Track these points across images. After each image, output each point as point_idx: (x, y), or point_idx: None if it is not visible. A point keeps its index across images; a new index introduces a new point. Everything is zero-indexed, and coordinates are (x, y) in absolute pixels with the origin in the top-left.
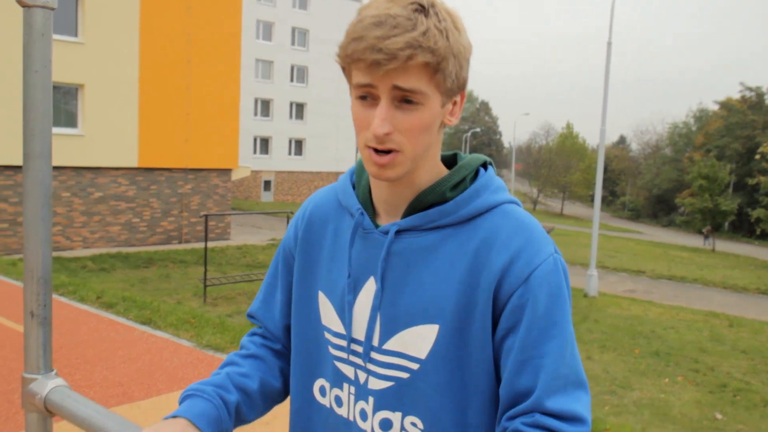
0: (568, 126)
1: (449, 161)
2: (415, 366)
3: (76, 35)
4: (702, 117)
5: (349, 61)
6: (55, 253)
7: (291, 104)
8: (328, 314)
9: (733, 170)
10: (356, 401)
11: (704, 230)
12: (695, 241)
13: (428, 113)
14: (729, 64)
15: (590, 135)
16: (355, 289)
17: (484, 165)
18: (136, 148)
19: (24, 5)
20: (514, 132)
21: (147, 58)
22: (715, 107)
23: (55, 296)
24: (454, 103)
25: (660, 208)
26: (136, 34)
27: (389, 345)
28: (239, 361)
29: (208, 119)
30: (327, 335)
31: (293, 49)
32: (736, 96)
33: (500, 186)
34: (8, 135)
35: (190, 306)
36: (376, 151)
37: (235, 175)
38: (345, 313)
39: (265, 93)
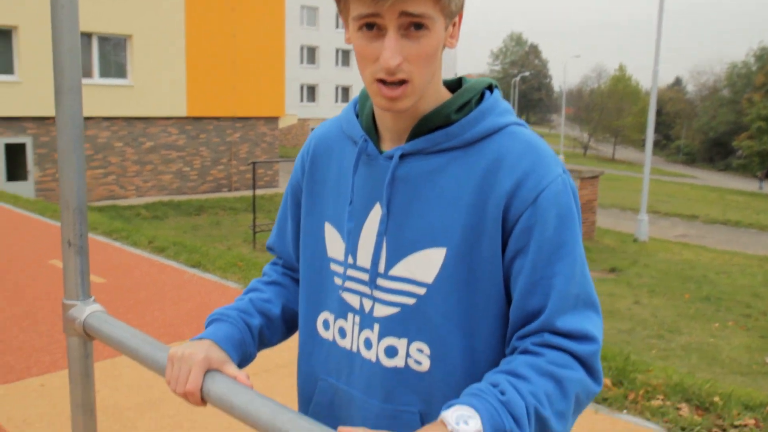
0: (621, 68)
1: (454, 87)
2: (422, 291)
3: None
4: (763, 56)
5: None
6: (110, 202)
7: (337, 51)
8: (335, 245)
9: None
10: (360, 330)
11: (759, 174)
12: (753, 185)
13: (435, 38)
14: None
15: (644, 77)
16: (360, 216)
17: (490, 88)
18: (185, 97)
19: None
20: (564, 75)
21: (192, 5)
22: None
23: (109, 241)
24: (454, 25)
25: (716, 152)
26: None
27: (395, 271)
28: (262, 287)
29: (254, 67)
30: (333, 266)
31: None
32: None
33: (507, 108)
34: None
35: (239, 251)
36: (385, 83)
37: (283, 123)
38: (349, 241)
39: (311, 40)
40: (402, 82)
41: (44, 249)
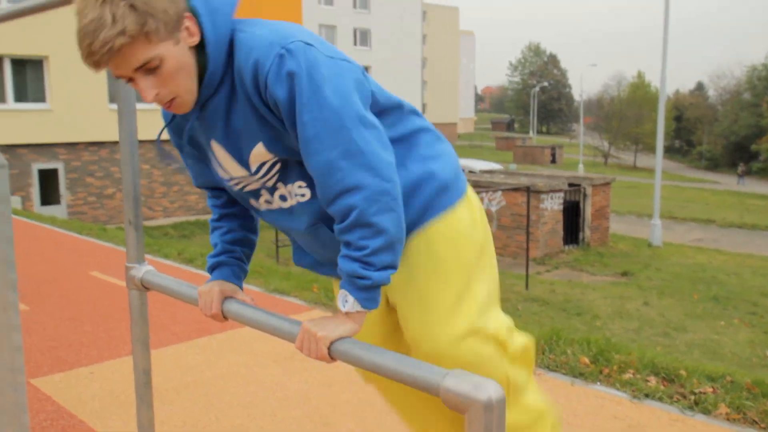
0: (640, 75)
1: None
2: (276, 158)
3: None
4: None
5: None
6: None
7: (355, 31)
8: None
9: None
10: (269, 198)
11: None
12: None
13: (171, 61)
14: None
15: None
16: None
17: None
18: None
19: None
20: (581, 84)
21: None
22: None
23: None
24: (186, 28)
25: (738, 157)
26: None
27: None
28: (221, 224)
29: None
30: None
31: (356, 12)
32: None
33: None
34: (92, 114)
35: (262, 263)
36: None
37: None
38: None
39: (328, 19)
40: (172, 100)
41: (86, 263)
